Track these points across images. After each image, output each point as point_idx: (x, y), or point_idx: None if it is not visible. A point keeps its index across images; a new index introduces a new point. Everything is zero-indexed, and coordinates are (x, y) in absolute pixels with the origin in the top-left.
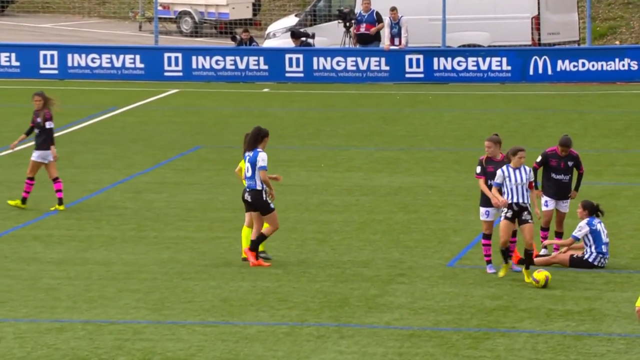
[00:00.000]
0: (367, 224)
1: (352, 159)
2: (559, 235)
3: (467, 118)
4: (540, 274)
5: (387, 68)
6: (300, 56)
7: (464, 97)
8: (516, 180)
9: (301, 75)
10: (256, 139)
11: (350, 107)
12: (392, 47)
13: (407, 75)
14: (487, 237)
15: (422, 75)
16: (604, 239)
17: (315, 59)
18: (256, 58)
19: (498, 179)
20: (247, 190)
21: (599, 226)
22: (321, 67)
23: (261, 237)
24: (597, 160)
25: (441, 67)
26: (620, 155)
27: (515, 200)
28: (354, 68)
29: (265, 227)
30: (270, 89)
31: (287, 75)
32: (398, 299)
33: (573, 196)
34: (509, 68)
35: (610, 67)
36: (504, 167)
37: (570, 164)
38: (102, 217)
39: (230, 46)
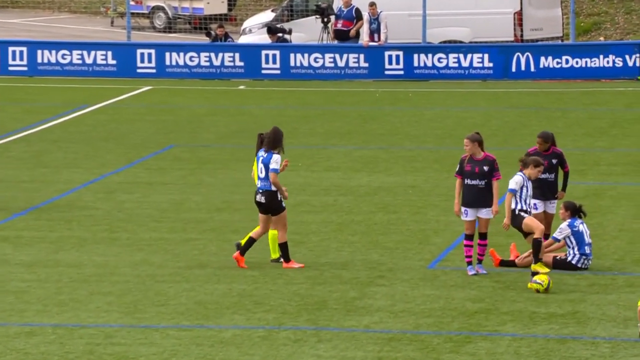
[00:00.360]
0: (346, 224)
1: (331, 158)
2: (545, 237)
3: (447, 116)
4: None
5: (366, 65)
6: (277, 52)
7: (445, 94)
8: (529, 193)
9: (278, 72)
10: (275, 140)
11: (329, 105)
12: (371, 44)
13: (387, 72)
14: (469, 237)
15: (401, 72)
16: (587, 239)
17: (292, 55)
18: (231, 54)
19: (516, 185)
20: (260, 191)
21: (581, 227)
22: (298, 64)
23: (283, 246)
24: (581, 159)
25: (421, 64)
26: (604, 155)
27: (525, 207)
28: (332, 65)
29: (279, 234)
30: (246, 86)
31: (264, 72)
32: (377, 302)
33: (560, 197)
34: (491, 65)
35: (595, 63)
36: (522, 175)
37: (554, 161)
38: (73, 218)
39: (204, 42)
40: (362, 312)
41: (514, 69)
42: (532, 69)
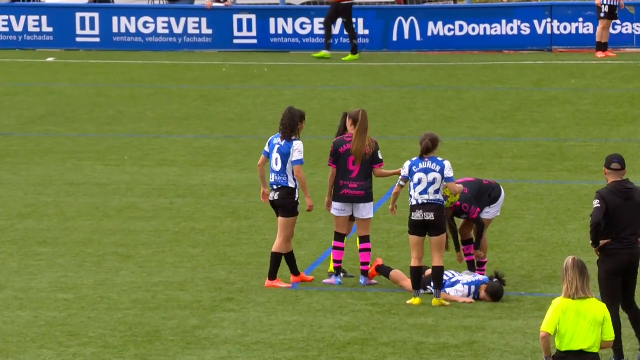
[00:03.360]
0: (185, 234)
1: (165, 149)
2: (465, 242)
3: (313, 97)
4: None
5: (210, 32)
6: (96, 15)
7: (309, 69)
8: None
9: (97, 40)
10: (293, 123)
11: (162, 82)
12: (216, 5)
13: (236, 41)
14: (339, 237)
15: (255, 42)
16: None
17: (115, 19)
18: (37, 18)
19: None
20: (275, 187)
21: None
22: (123, 30)
23: (274, 258)
24: (479, 151)
25: (279, 31)
26: (508, 145)
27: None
28: (167, 31)
29: (277, 241)
30: (56, 58)
31: (78, 40)
32: (225, 332)
33: (477, 256)
34: (367, 32)
35: (496, 30)
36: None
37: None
38: None
39: (1, 2)
40: (205, 345)
41: (395, 38)
42: (418, 37)
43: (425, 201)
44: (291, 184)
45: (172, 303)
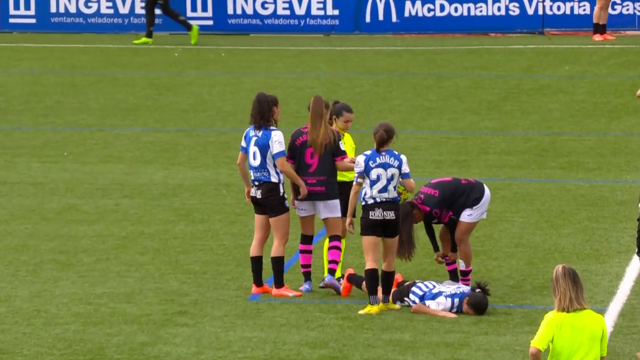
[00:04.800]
0: (132, 239)
1: (110, 144)
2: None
3: (276, 85)
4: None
5: (159, 11)
6: None
7: (272, 54)
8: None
9: (32, 21)
10: (263, 110)
11: (106, 68)
12: None
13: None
14: (306, 239)
15: (210, 23)
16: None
17: None
18: None
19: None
20: (256, 183)
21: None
22: (62, 10)
23: (277, 262)
24: (462, 145)
25: (238, 11)
26: (495, 139)
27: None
28: (111, 11)
29: (274, 243)
30: None
31: (12, 21)
32: (177, 349)
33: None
34: (336, 12)
35: (481, 11)
36: None
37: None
38: None
39: None
40: None
41: (368, 19)
42: (394, 18)
43: (384, 199)
44: (274, 179)
45: (118, 317)
